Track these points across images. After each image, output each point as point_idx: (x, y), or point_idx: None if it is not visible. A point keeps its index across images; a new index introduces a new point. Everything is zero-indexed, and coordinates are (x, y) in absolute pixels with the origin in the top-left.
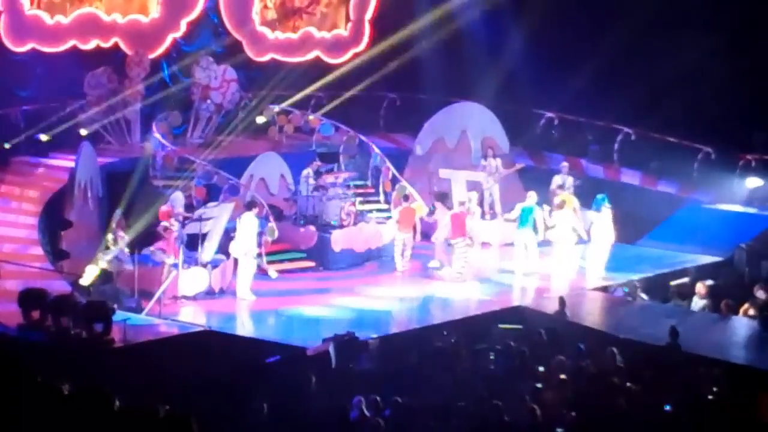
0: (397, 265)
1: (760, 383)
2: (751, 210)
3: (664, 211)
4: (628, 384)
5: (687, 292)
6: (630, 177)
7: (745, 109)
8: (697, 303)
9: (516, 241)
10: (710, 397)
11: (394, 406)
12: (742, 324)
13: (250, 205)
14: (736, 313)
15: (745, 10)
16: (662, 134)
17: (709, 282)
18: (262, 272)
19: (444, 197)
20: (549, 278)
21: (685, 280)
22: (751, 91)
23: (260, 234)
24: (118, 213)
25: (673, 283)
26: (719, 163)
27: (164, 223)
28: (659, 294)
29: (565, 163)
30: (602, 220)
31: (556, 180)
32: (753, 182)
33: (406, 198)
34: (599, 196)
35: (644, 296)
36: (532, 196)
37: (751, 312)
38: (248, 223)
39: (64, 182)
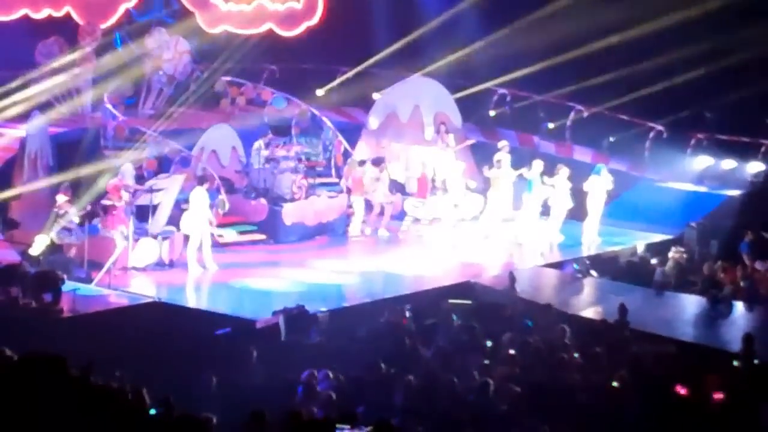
0: (350, 231)
1: (706, 360)
2: (702, 189)
3: (616, 188)
4: (576, 360)
5: (637, 270)
6: (582, 154)
7: (698, 88)
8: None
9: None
10: (657, 374)
11: (344, 379)
12: (690, 302)
13: (201, 180)
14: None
15: None
16: (614, 112)
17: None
18: (215, 244)
19: (379, 161)
20: (503, 253)
21: (635, 257)
22: (703, 69)
23: (211, 206)
24: (65, 184)
25: (623, 260)
26: (671, 141)
27: (109, 201)
28: (609, 271)
29: (504, 142)
30: (598, 185)
31: (496, 157)
32: (704, 161)
33: (362, 163)
34: (598, 166)
35: (594, 273)
36: (538, 165)
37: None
38: (198, 197)
39: (15, 151)
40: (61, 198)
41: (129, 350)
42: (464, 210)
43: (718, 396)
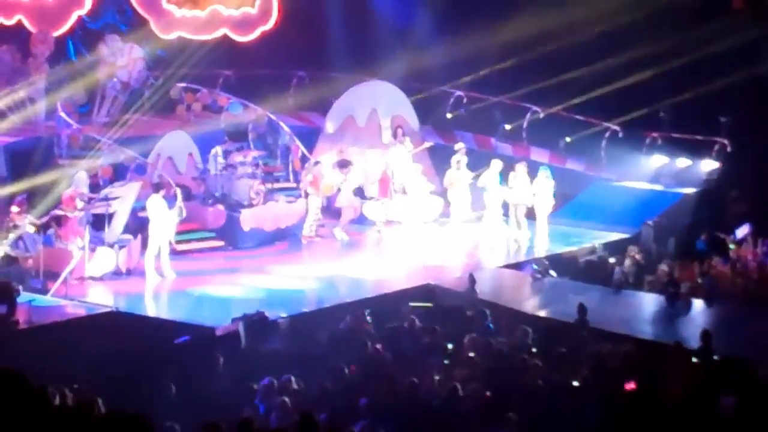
0: (303, 232)
1: (666, 357)
2: (658, 187)
3: (573, 188)
4: (537, 360)
5: (595, 269)
6: (539, 155)
7: (652, 87)
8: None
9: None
10: (618, 372)
11: (306, 385)
12: (649, 300)
13: (157, 187)
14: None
15: None
16: (570, 112)
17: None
18: (172, 251)
19: (345, 164)
20: (462, 254)
21: (593, 257)
22: (656, 69)
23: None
24: (20, 195)
25: (581, 260)
26: (626, 140)
27: (61, 211)
28: (568, 271)
29: (460, 144)
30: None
31: (454, 158)
32: (659, 160)
33: (316, 163)
34: (542, 167)
35: (553, 273)
36: (497, 164)
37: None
38: (155, 205)
39: None
40: (14, 209)
41: (87, 361)
42: (424, 212)
43: (676, 391)
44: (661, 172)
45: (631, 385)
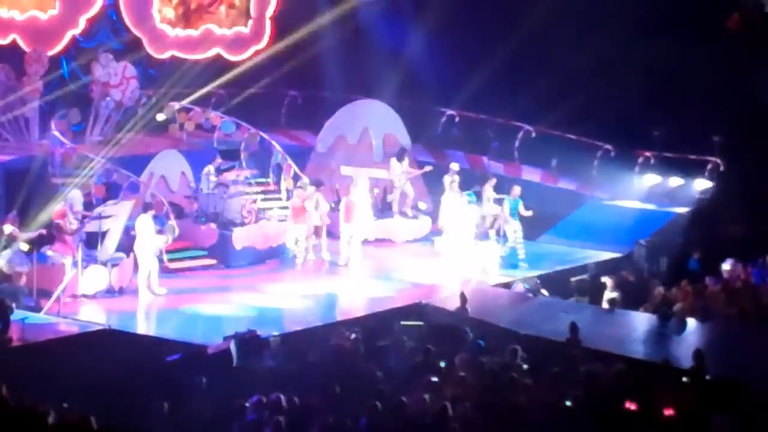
0: (297, 258)
1: (658, 377)
2: (650, 206)
3: (565, 208)
4: (529, 379)
5: (587, 288)
6: (531, 174)
7: (644, 106)
8: (608, 295)
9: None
10: (610, 391)
11: (297, 403)
12: (641, 319)
13: (146, 207)
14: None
15: (639, 9)
16: (562, 131)
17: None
18: (164, 269)
19: (319, 184)
20: (452, 274)
21: (585, 276)
22: (649, 88)
23: (160, 232)
24: (12, 212)
25: (573, 279)
26: (619, 160)
27: (57, 222)
28: (560, 290)
29: (455, 164)
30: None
31: (446, 179)
32: (652, 179)
33: (300, 187)
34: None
35: (545, 292)
36: (516, 190)
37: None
38: (143, 225)
39: None
40: (8, 228)
41: (80, 378)
42: (412, 231)
43: (669, 412)
44: (653, 191)
45: (632, 405)
